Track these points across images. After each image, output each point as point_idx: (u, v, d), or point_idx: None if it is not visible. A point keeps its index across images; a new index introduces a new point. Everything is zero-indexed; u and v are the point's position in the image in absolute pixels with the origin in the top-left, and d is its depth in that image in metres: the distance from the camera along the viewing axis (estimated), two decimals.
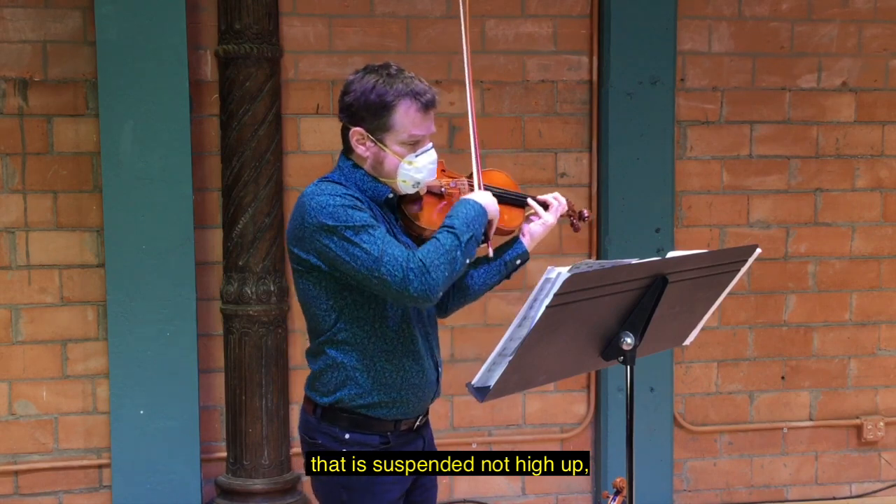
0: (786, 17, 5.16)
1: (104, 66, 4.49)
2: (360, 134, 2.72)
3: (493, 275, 2.97)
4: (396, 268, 2.58)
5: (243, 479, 4.64)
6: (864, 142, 5.29)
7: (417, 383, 2.80)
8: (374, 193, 2.76)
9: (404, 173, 2.74)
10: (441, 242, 2.64)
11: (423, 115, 2.72)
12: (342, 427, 2.77)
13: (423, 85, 2.74)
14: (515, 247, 2.97)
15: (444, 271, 2.61)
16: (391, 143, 2.72)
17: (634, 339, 2.60)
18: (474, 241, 2.71)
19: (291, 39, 4.78)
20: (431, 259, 2.60)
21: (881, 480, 5.44)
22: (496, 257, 2.96)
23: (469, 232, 2.67)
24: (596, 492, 5.18)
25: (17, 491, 4.75)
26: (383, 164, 2.74)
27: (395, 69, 2.74)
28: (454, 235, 2.65)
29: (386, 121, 2.70)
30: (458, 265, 2.65)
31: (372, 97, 2.69)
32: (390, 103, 2.69)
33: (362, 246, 2.61)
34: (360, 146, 2.74)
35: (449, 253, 2.62)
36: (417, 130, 2.72)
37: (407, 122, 2.70)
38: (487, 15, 4.95)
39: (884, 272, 5.35)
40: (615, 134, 4.94)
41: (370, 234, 2.61)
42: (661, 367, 5.01)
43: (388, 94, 2.69)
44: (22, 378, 4.72)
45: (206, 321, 4.75)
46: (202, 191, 4.75)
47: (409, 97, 2.69)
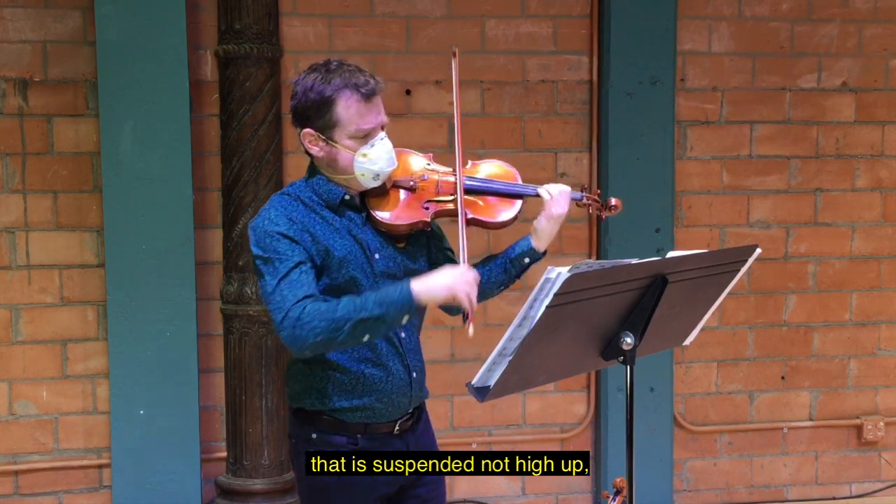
0: (786, 17, 5.16)
1: (104, 66, 4.49)
2: (311, 135, 2.71)
3: (497, 272, 2.92)
4: (279, 310, 2.57)
5: (243, 479, 4.64)
6: (864, 142, 5.29)
7: (383, 389, 2.75)
8: (328, 196, 2.73)
9: (360, 167, 2.69)
10: (337, 307, 2.56)
11: (366, 106, 2.67)
12: (310, 427, 2.77)
13: (364, 76, 2.68)
14: (520, 242, 2.93)
15: (318, 335, 2.54)
16: (341, 139, 2.68)
17: (634, 339, 2.60)
18: (381, 323, 2.56)
19: (291, 39, 4.78)
20: (312, 317, 2.53)
21: (881, 480, 5.44)
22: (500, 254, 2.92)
23: (374, 311, 2.54)
24: (596, 492, 5.18)
25: (17, 491, 4.75)
26: (337, 160, 2.70)
27: (336, 64, 2.71)
28: (353, 307, 2.56)
29: (330, 117, 2.66)
30: (341, 336, 2.55)
31: (312, 95, 2.67)
32: (330, 98, 2.65)
33: (265, 277, 2.62)
34: (313, 147, 2.72)
35: (335, 321, 2.54)
36: (363, 123, 2.67)
37: (351, 114, 2.66)
38: (487, 15, 4.95)
39: (884, 272, 5.35)
40: (615, 134, 4.94)
41: (275, 266, 2.60)
42: (661, 367, 5.01)
43: (326, 89, 2.65)
44: (22, 378, 4.72)
45: (206, 321, 4.75)
46: (202, 191, 4.75)
47: (349, 89, 2.65)
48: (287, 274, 2.60)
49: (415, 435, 2.89)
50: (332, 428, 2.76)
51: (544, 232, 2.91)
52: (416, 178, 2.80)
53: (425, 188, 2.80)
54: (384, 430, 2.80)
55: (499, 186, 2.87)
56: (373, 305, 2.56)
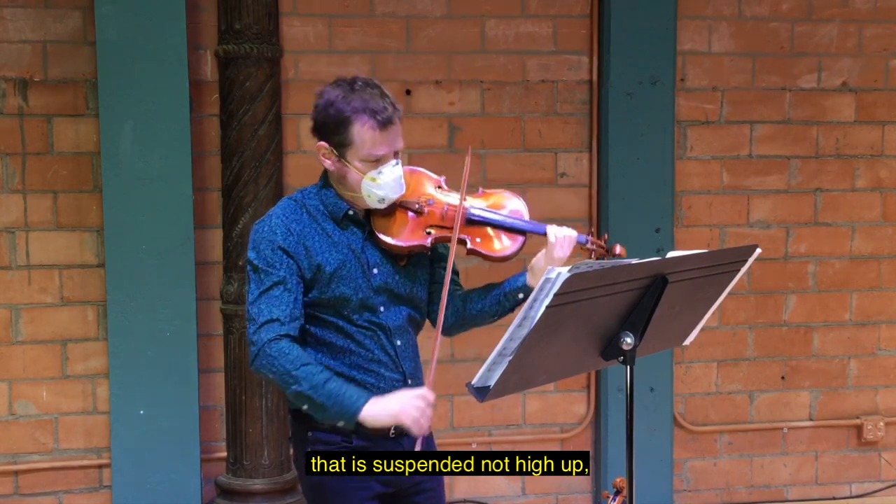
0: (786, 17, 5.16)
1: (104, 66, 4.49)
2: (325, 149, 2.75)
3: (491, 304, 2.95)
4: (253, 321, 2.68)
5: (243, 479, 4.64)
6: (864, 142, 5.29)
7: (375, 393, 2.75)
8: (333, 209, 2.78)
9: (367, 189, 2.73)
10: (300, 367, 2.64)
11: (380, 134, 2.68)
12: (307, 427, 2.81)
13: (384, 103, 2.69)
14: (516, 277, 2.94)
15: (271, 373, 2.66)
16: (352, 159, 2.71)
17: (634, 339, 2.59)
18: (319, 409, 2.66)
19: (291, 39, 4.78)
20: (277, 355, 2.65)
21: (881, 480, 5.44)
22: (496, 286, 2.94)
23: (323, 398, 2.64)
24: (596, 492, 5.18)
25: (17, 491, 4.75)
26: (347, 178, 2.74)
27: (360, 84, 2.71)
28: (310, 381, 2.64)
29: (345, 137, 2.69)
30: (286, 388, 2.67)
31: (331, 112, 2.69)
32: (347, 118, 2.67)
33: (250, 284, 2.73)
34: (325, 160, 2.77)
35: (290, 377, 2.64)
36: (376, 150, 2.69)
37: (365, 139, 2.68)
38: (487, 15, 4.95)
39: (884, 272, 5.35)
40: (615, 134, 4.94)
41: (261, 278, 2.70)
42: (661, 367, 5.01)
43: (346, 109, 2.67)
44: (22, 378, 4.72)
45: (206, 321, 4.75)
46: (202, 191, 4.75)
47: (366, 114, 2.66)
48: (269, 289, 2.69)
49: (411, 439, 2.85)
50: (328, 428, 2.77)
51: (542, 272, 2.83)
52: (423, 203, 2.82)
53: (431, 213, 2.81)
54: (379, 433, 2.79)
55: (505, 220, 2.87)
56: (326, 393, 2.65)
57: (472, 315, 2.96)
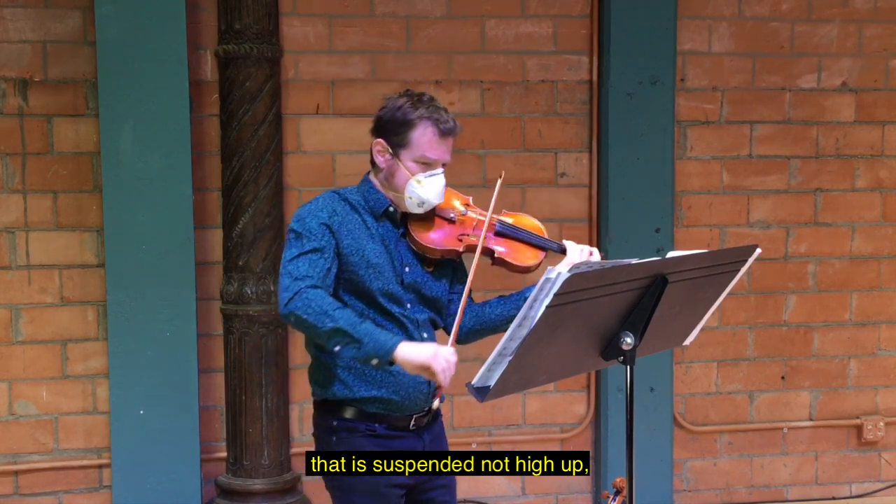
0: (786, 17, 5.16)
1: (104, 66, 4.49)
2: (381, 145, 2.95)
3: (511, 309, 3.08)
4: (290, 274, 2.79)
5: (243, 479, 4.64)
6: (864, 142, 5.29)
7: (402, 381, 2.91)
8: (375, 204, 2.96)
9: (411, 190, 2.91)
10: (336, 307, 2.75)
11: (439, 140, 2.91)
12: (332, 417, 2.95)
13: (448, 116, 2.93)
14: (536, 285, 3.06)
15: (306, 314, 2.73)
16: (405, 159, 2.92)
17: (634, 339, 2.60)
18: (354, 346, 2.74)
19: (291, 39, 4.78)
20: (313, 298, 2.74)
21: (881, 480, 5.44)
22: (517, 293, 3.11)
23: (356, 333, 2.72)
24: (596, 492, 5.18)
25: (17, 491, 4.75)
26: (395, 176, 2.93)
27: (427, 98, 2.96)
28: (342, 317, 2.74)
29: (405, 137, 2.91)
30: (318, 330, 2.74)
31: (398, 114, 2.92)
32: (412, 121, 2.90)
33: (290, 249, 2.85)
34: (379, 156, 2.95)
35: (326, 316, 2.73)
36: (431, 153, 2.91)
37: (423, 141, 2.90)
38: (487, 15, 4.95)
39: (884, 272, 5.35)
40: (615, 134, 4.94)
41: (302, 243, 2.83)
42: (661, 367, 5.01)
43: (411, 113, 2.91)
44: (22, 378, 4.72)
45: (206, 321, 4.75)
46: (202, 191, 4.75)
47: (430, 121, 2.90)
48: (308, 252, 2.82)
49: (431, 434, 3.08)
50: (354, 417, 2.93)
51: None
52: (457, 213, 3.04)
53: (463, 223, 3.03)
54: (401, 424, 2.97)
55: (530, 236, 3.10)
56: (362, 330, 2.75)
57: (491, 319, 3.10)
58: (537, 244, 3.08)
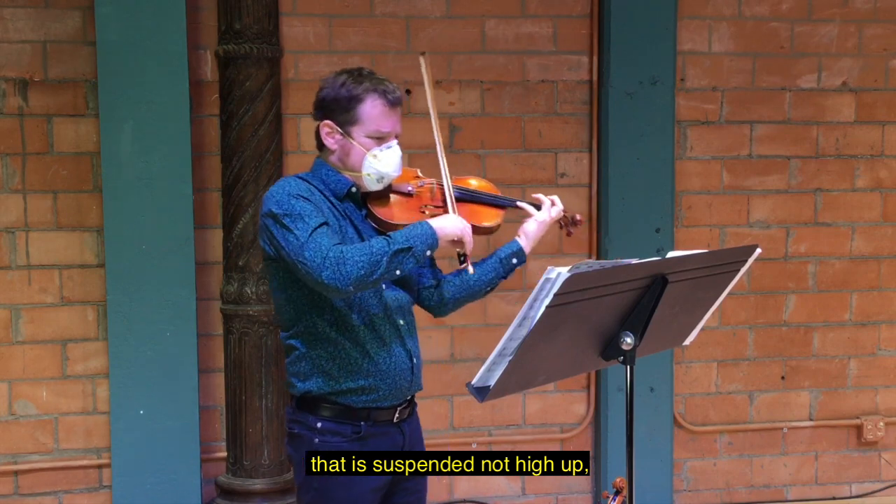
0: (786, 17, 5.16)
1: (104, 66, 4.49)
2: (330, 126, 2.88)
3: (487, 272, 3.08)
4: (317, 254, 2.69)
5: (243, 479, 4.64)
6: (864, 142, 5.29)
7: (386, 370, 2.87)
8: (336, 186, 2.90)
9: (369, 166, 2.87)
10: (371, 244, 2.73)
11: (389, 111, 2.87)
12: (315, 415, 2.87)
13: (392, 85, 2.90)
14: (509, 244, 3.11)
15: (360, 269, 2.68)
16: (358, 136, 2.86)
17: (634, 339, 2.60)
18: (410, 255, 2.76)
19: (291, 39, 4.78)
20: (352, 255, 2.69)
21: (881, 480, 5.44)
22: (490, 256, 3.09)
23: (405, 244, 2.74)
24: (596, 492, 5.18)
25: (17, 491, 4.75)
26: (349, 155, 2.88)
27: (367, 71, 2.91)
28: (386, 242, 2.74)
29: (353, 114, 2.85)
30: (380, 269, 2.71)
31: (342, 91, 2.86)
32: (358, 96, 2.85)
33: (294, 231, 2.73)
34: (329, 138, 2.89)
35: (373, 255, 2.70)
36: (384, 125, 2.87)
37: (374, 115, 2.85)
38: (487, 15, 4.95)
39: (884, 272, 5.35)
40: (615, 134, 4.94)
41: (305, 221, 2.74)
42: (661, 367, 5.01)
43: (356, 88, 2.85)
44: (22, 378, 4.72)
45: (206, 321, 4.75)
46: (202, 191, 4.75)
47: (377, 92, 2.85)
48: (317, 228, 2.73)
49: (410, 426, 3.00)
50: (338, 416, 2.86)
51: (532, 233, 3.11)
52: (413, 185, 3.01)
53: (421, 194, 3.01)
54: (385, 418, 2.90)
55: (485, 196, 3.10)
56: (402, 239, 2.75)
57: (471, 285, 3.08)
58: (495, 203, 3.09)
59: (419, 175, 3.07)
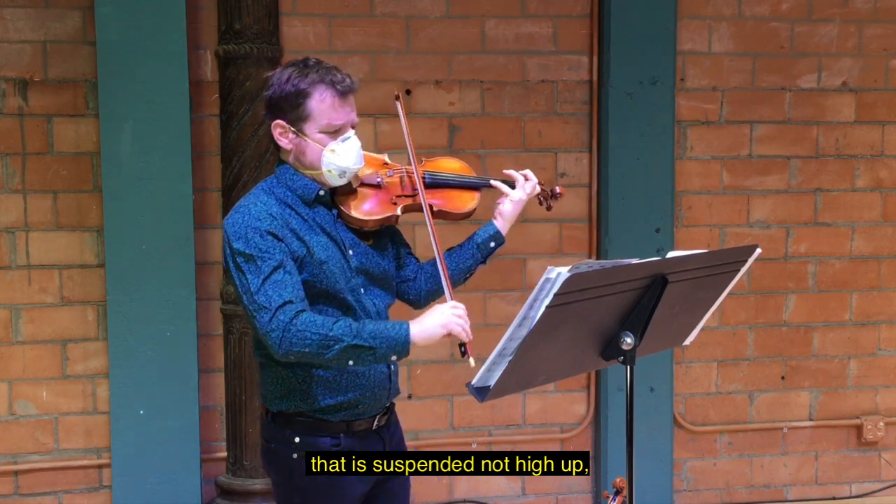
0: (786, 17, 5.16)
1: (104, 66, 4.49)
2: (282, 126, 2.74)
3: (465, 258, 2.99)
4: (265, 309, 2.59)
5: (243, 479, 4.64)
6: (864, 142, 5.29)
7: (364, 383, 2.78)
8: (303, 192, 2.76)
9: (328, 162, 2.72)
10: (332, 325, 2.58)
11: (340, 102, 2.71)
12: (292, 430, 2.77)
13: (341, 74, 2.73)
14: (485, 227, 3.01)
15: (305, 346, 2.56)
16: (311, 132, 2.72)
17: (634, 339, 2.59)
18: (370, 354, 2.59)
19: (291, 39, 4.78)
20: (305, 326, 2.56)
21: (881, 480, 5.44)
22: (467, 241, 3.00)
23: (368, 342, 2.58)
24: (596, 492, 5.18)
25: (17, 491, 4.75)
26: (305, 153, 2.74)
27: (313, 61, 2.75)
28: (349, 330, 2.58)
29: (303, 110, 2.70)
30: (328, 354, 2.58)
31: (288, 87, 2.70)
32: (305, 91, 2.69)
33: (247, 276, 2.63)
34: (282, 139, 2.75)
35: (327, 338, 2.56)
36: (336, 118, 2.72)
37: (324, 108, 2.70)
38: (487, 15, 4.95)
39: (884, 272, 5.35)
40: (615, 134, 4.94)
41: (258, 266, 2.62)
42: (661, 367, 5.01)
43: (302, 82, 2.69)
44: (22, 378, 4.72)
45: (206, 321, 4.75)
46: (202, 191, 4.75)
47: (325, 84, 2.70)
48: (270, 274, 2.61)
49: (389, 431, 2.92)
50: (315, 430, 2.77)
51: (508, 213, 3.01)
52: (382, 176, 2.87)
53: (391, 184, 2.88)
54: (364, 427, 2.82)
55: (458, 180, 3.00)
56: (368, 336, 2.59)
57: (451, 271, 2.96)
58: (469, 185, 2.99)
59: (387, 163, 2.94)
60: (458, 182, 2.99)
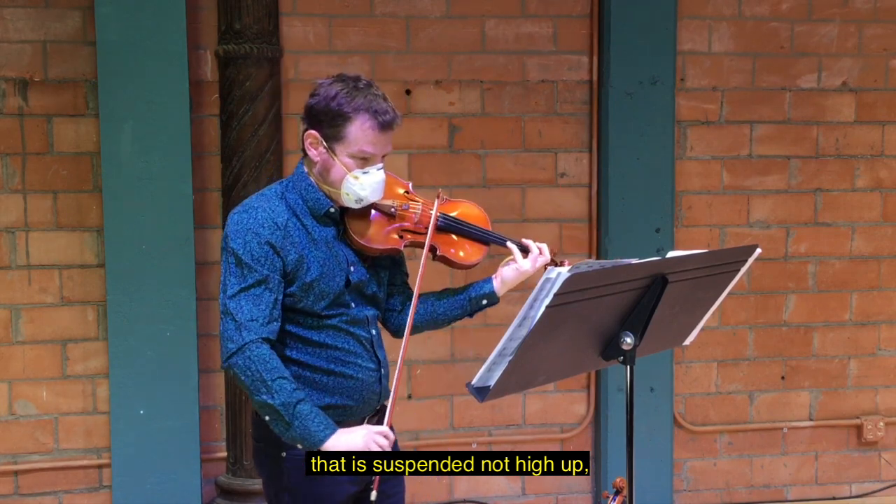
0: (786, 17, 5.16)
1: (104, 66, 4.49)
2: (315, 137, 2.74)
3: (454, 308, 2.99)
4: (233, 318, 2.64)
5: (243, 479, 4.64)
6: (864, 142, 5.29)
7: (354, 386, 2.80)
8: (314, 205, 2.77)
9: (348, 187, 2.73)
10: (278, 378, 2.61)
11: (378, 134, 2.71)
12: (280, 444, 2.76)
13: (387, 105, 2.72)
14: (483, 284, 2.98)
15: (244, 374, 2.62)
16: (341, 154, 2.72)
17: (634, 339, 2.60)
18: (283, 426, 2.64)
19: (291, 39, 4.78)
20: (254, 360, 2.61)
21: (881, 480, 5.44)
22: (461, 290, 2.98)
23: (287, 417, 2.61)
24: (596, 492, 5.18)
25: (17, 491, 4.75)
26: (330, 171, 2.74)
27: (364, 83, 2.73)
28: (284, 392, 2.62)
29: (340, 130, 2.70)
30: (254, 395, 2.63)
31: (332, 105, 2.69)
32: (348, 114, 2.69)
33: (231, 278, 2.67)
34: (312, 149, 2.76)
35: (263, 382, 2.61)
36: (369, 147, 2.71)
37: (360, 136, 2.70)
38: (487, 15, 4.95)
39: (884, 272, 5.35)
40: (615, 134, 4.94)
41: (243, 274, 2.65)
42: (661, 367, 5.01)
43: (347, 105, 2.69)
44: (22, 378, 4.72)
45: (206, 321, 4.75)
46: (202, 191, 4.75)
47: (368, 113, 2.69)
48: (251, 286, 2.65)
49: None
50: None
51: (510, 280, 2.97)
52: (397, 206, 2.86)
53: (404, 217, 2.87)
54: None
55: (472, 230, 2.95)
56: (295, 413, 2.62)
57: (437, 316, 2.98)
58: (480, 238, 2.95)
59: (409, 192, 2.92)
60: (471, 233, 2.95)
